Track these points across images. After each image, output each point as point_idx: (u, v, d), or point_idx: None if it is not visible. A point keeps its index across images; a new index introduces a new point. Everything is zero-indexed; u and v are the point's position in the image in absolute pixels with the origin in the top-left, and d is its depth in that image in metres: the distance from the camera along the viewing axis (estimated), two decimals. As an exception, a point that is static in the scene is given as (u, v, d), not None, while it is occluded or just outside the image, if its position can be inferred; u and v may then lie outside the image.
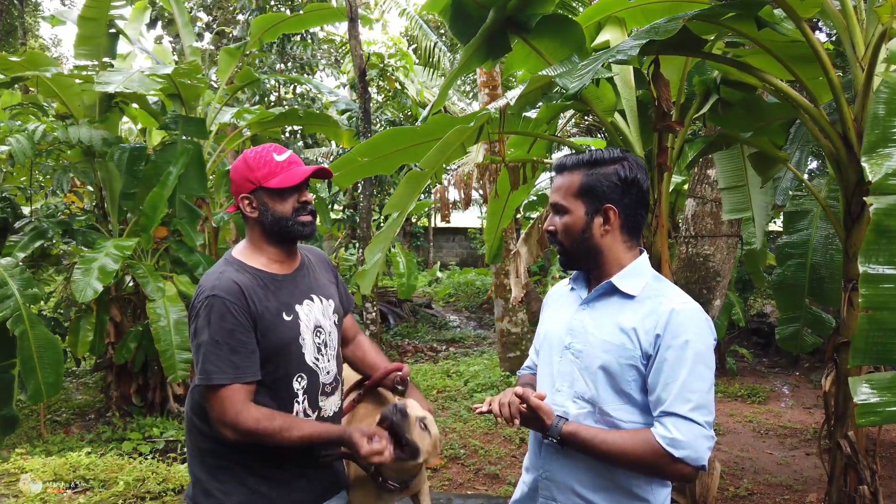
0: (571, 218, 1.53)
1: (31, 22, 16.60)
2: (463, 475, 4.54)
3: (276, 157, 1.72)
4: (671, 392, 1.39)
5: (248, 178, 1.72)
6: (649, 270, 1.56)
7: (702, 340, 1.42)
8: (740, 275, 8.31)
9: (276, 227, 1.73)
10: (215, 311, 1.60)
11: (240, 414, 1.58)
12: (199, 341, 1.62)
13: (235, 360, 1.60)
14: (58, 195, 6.80)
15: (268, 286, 1.72)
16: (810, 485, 4.45)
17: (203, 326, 1.61)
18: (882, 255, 1.78)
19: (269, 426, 1.60)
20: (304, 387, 1.74)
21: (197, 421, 1.75)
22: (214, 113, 6.34)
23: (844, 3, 2.46)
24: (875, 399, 1.82)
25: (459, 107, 14.07)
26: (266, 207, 1.72)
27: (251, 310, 1.64)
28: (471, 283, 14.40)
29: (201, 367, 1.61)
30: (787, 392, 7.32)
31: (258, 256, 1.76)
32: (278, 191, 1.71)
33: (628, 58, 2.10)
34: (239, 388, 1.60)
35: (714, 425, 1.43)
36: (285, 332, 1.70)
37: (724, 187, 3.78)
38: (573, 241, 1.55)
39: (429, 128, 2.99)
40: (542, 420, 1.46)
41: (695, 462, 1.37)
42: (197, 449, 1.75)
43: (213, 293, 1.62)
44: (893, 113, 1.90)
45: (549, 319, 1.70)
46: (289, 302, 1.74)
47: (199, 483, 1.72)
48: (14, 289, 4.49)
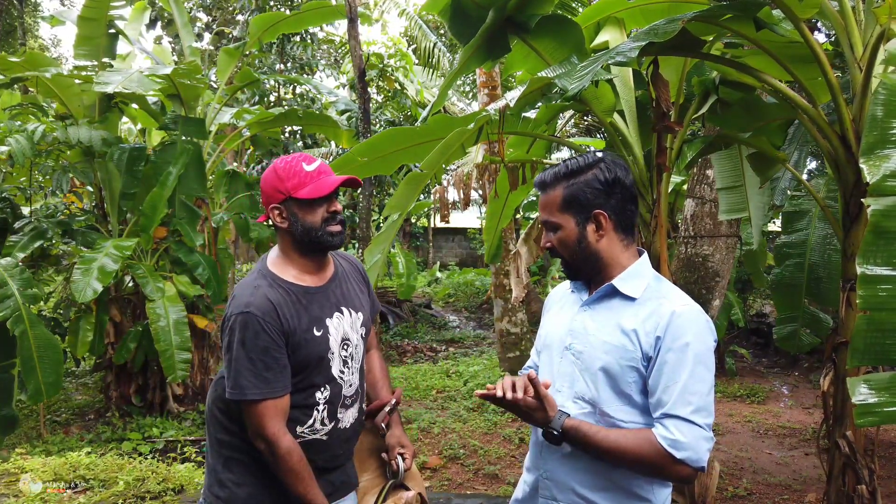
0: (564, 232, 1.54)
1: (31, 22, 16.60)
2: (462, 475, 4.54)
3: (306, 167, 1.72)
4: (672, 394, 1.40)
5: (278, 189, 1.71)
6: (650, 271, 1.56)
7: (702, 342, 1.43)
8: (740, 275, 8.32)
9: (307, 237, 1.73)
10: (250, 329, 1.63)
11: (277, 437, 1.64)
12: (233, 356, 1.64)
13: (269, 376, 1.64)
14: (57, 195, 6.80)
15: (300, 300, 1.73)
16: (809, 485, 4.46)
17: (237, 343, 1.63)
18: (880, 255, 1.78)
19: (290, 463, 1.65)
20: (326, 398, 1.76)
21: (218, 413, 1.78)
22: (214, 113, 6.35)
23: (843, 3, 2.46)
24: (873, 399, 1.82)
25: (459, 107, 14.07)
26: (296, 218, 1.72)
27: (283, 327, 1.66)
28: (470, 283, 14.40)
29: (235, 381, 1.63)
30: (786, 392, 7.33)
31: (290, 267, 1.77)
32: (308, 201, 1.70)
33: (627, 59, 2.10)
34: (271, 403, 1.65)
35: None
36: (315, 348, 1.73)
37: (722, 187, 3.79)
38: (572, 252, 1.55)
39: (428, 128, 2.99)
40: (545, 410, 1.46)
41: (695, 464, 1.38)
42: (215, 439, 1.79)
43: (248, 310, 1.63)
44: (891, 114, 1.90)
45: (550, 321, 1.70)
46: (319, 316, 1.75)
47: (214, 472, 1.77)
48: (14, 289, 4.49)
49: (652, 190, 3.02)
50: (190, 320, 5.43)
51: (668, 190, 3.19)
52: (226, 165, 7.18)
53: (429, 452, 4.90)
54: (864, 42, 2.43)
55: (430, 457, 4.81)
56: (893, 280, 1.77)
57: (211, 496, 1.77)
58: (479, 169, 7.19)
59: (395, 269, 8.60)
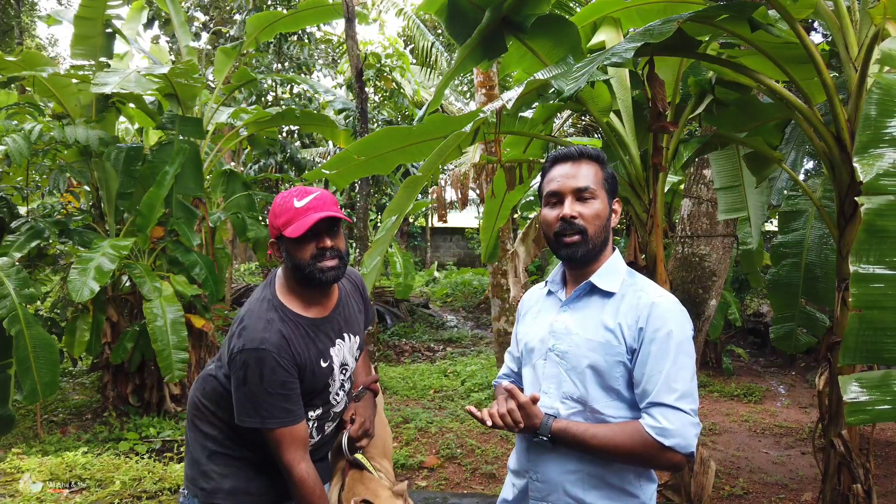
0: (601, 204, 1.53)
1: (28, 21, 16.58)
2: (459, 475, 4.54)
3: (297, 202, 1.70)
4: (656, 383, 1.42)
5: (274, 225, 1.74)
6: (623, 266, 1.60)
7: (682, 331, 1.46)
8: (737, 274, 8.33)
9: (298, 273, 1.74)
10: (267, 366, 1.65)
11: (293, 465, 1.69)
12: (250, 390, 1.67)
13: (287, 406, 1.69)
14: (54, 195, 6.79)
15: (308, 333, 1.76)
16: (805, 484, 4.47)
17: (255, 378, 1.66)
18: (873, 254, 1.79)
19: (304, 490, 1.70)
20: (318, 415, 1.84)
21: (209, 406, 1.82)
22: (211, 113, 6.34)
23: (838, 3, 2.47)
24: (865, 398, 1.83)
25: (457, 106, 14.09)
26: (288, 255, 1.74)
27: (296, 361, 1.71)
28: (468, 282, 14.40)
29: (255, 412, 1.67)
30: (783, 391, 7.34)
31: (295, 298, 1.79)
32: (295, 239, 1.70)
33: (623, 61, 2.11)
34: (289, 431, 1.69)
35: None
36: (321, 378, 1.79)
37: (720, 187, 3.80)
38: (598, 230, 1.52)
39: (424, 127, 2.99)
40: (531, 419, 1.47)
41: (684, 449, 1.40)
42: (200, 432, 1.83)
43: (264, 346, 1.66)
44: (885, 114, 1.91)
45: (527, 326, 1.70)
46: (325, 348, 1.80)
47: (198, 465, 1.81)
48: (10, 289, 4.48)
49: (648, 190, 3.03)
50: (187, 320, 5.43)
51: (665, 190, 3.20)
52: (223, 165, 7.17)
53: (426, 452, 4.91)
54: (859, 42, 2.44)
55: (428, 456, 4.82)
56: (886, 279, 1.78)
57: (194, 488, 1.81)
58: (477, 169, 7.19)
59: (392, 268, 8.59)
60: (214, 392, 1.81)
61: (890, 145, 1.86)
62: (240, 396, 1.69)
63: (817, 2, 2.42)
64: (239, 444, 1.79)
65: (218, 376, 1.80)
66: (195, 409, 1.86)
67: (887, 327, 1.78)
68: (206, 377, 1.86)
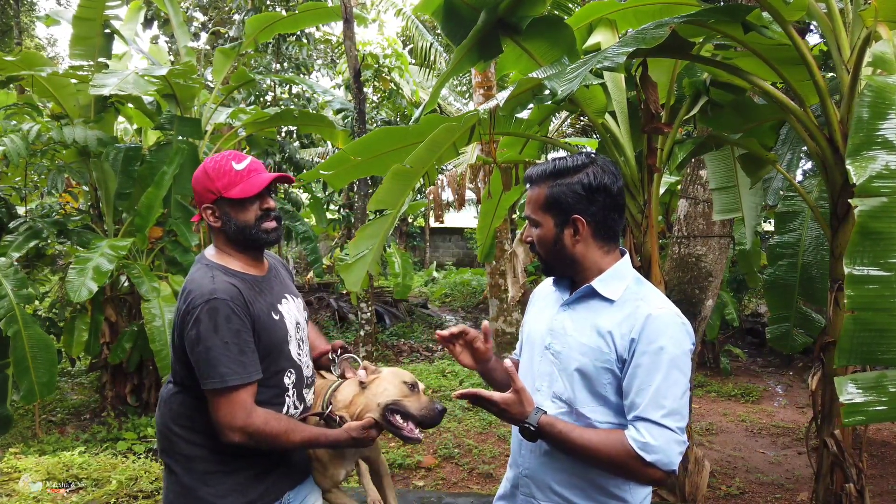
0: (543, 230, 1.54)
1: (27, 22, 16.59)
2: (457, 474, 4.55)
3: (236, 165, 1.72)
4: (645, 397, 1.39)
5: (209, 189, 1.72)
6: (631, 273, 1.55)
7: (677, 346, 1.42)
8: (734, 275, 8.34)
9: (241, 235, 1.74)
10: (221, 315, 1.60)
11: (249, 416, 1.61)
12: (206, 345, 1.60)
13: (244, 360, 1.62)
14: (53, 195, 6.79)
15: (253, 287, 1.74)
16: (802, 483, 4.48)
17: (209, 330, 1.60)
18: (867, 256, 1.80)
19: (276, 427, 1.64)
20: (293, 381, 1.79)
21: (179, 430, 1.74)
22: (210, 113, 6.35)
23: (830, 6, 2.48)
24: (860, 399, 1.84)
25: (455, 107, 14.09)
26: (229, 217, 1.73)
27: (249, 311, 1.67)
28: (467, 283, 14.41)
29: (214, 370, 1.59)
30: (780, 391, 7.35)
31: (233, 261, 1.77)
32: (239, 200, 1.71)
33: (615, 65, 2.11)
34: (248, 390, 1.63)
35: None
36: (277, 332, 1.75)
37: (716, 188, 3.81)
38: (548, 251, 1.56)
39: (421, 127, 3.00)
40: (522, 405, 1.46)
41: (665, 467, 1.38)
42: (184, 457, 1.74)
43: (214, 296, 1.61)
44: (877, 116, 1.92)
45: (533, 317, 1.71)
46: (272, 302, 1.78)
47: (191, 492, 1.72)
48: (8, 289, 4.49)
49: (643, 190, 3.04)
50: (185, 320, 5.43)
51: (660, 190, 3.21)
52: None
53: (423, 452, 4.92)
54: (852, 44, 2.45)
55: (425, 456, 4.83)
56: (880, 280, 1.79)
57: None
58: (473, 169, 7.20)
59: (391, 268, 8.62)
60: (182, 406, 1.74)
61: (882, 147, 1.87)
62: (197, 358, 1.61)
63: (810, 4, 2.43)
64: (231, 455, 1.71)
65: (179, 384, 1.74)
66: (168, 437, 1.76)
67: (881, 329, 1.80)
68: (167, 399, 1.78)
